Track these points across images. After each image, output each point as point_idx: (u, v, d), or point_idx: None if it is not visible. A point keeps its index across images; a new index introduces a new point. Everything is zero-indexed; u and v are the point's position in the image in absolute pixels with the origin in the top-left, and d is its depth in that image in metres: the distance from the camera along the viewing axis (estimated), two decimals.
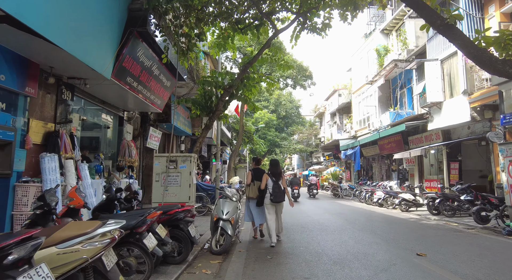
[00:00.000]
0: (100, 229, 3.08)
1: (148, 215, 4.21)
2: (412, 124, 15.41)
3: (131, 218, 3.90)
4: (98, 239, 3.03)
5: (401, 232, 8.15)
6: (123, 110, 9.99)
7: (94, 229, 3.03)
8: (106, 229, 3.12)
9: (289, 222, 9.60)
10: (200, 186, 11.51)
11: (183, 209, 5.09)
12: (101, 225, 3.13)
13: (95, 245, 2.95)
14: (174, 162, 6.53)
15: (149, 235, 4.01)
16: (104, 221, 3.26)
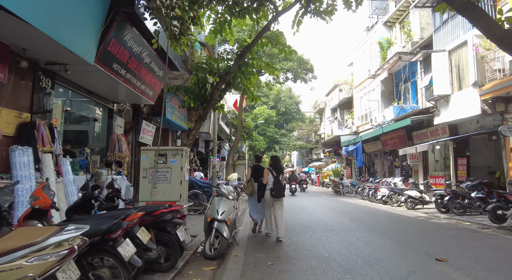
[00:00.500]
0: (54, 237, 2.38)
1: (125, 217, 3.51)
2: (418, 118, 14.72)
3: (103, 221, 3.21)
4: (50, 250, 2.33)
5: (412, 233, 7.47)
6: (112, 101, 9.28)
7: (45, 238, 2.33)
8: (63, 237, 2.43)
9: (291, 221, 8.92)
10: (196, 183, 10.82)
11: (171, 209, 4.39)
12: (56, 233, 2.44)
13: (45, 259, 2.26)
14: (164, 156, 5.83)
15: (125, 241, 3.32)
16: (63, 227, 2.56)
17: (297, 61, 17.31)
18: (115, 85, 7.55)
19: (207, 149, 20.53)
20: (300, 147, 36.60)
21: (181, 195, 5.76)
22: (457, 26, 12.61)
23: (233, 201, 6.00)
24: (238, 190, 14.04)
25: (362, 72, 22.41)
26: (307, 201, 15.64)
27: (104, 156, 8.79)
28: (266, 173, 6.78)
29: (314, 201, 15.88)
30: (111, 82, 7.19)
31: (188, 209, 10.54)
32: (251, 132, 23.17)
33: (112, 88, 8.03)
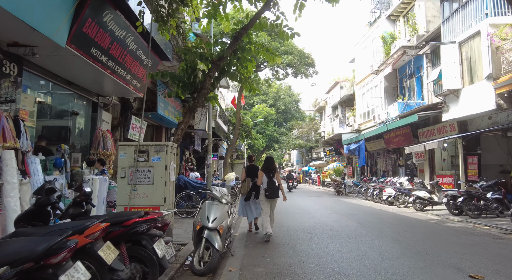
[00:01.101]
0: None
1: (82, 230, 2.63)
2: (425, 114, 13.84)
3: (43, 240, 2.31)
4: None
5: (429, 239, 6.59)
6: (97, 94, 8.38)
7: None
8: None
9: (293, 226, 8.04)
10: (190, 183, 9.93)
11: (146, 218, 3.50)
12: None
13: None
14: (145, 153, 4.93)
15: (74, 266, 2.42)
16: None
17: (297, 55, 16.40)
18: (97, 74, 6.66)
19: (204, 147, 19.62)
20: (299, 146, 35.70)
21: (165, 199, 4.86)
22: (469, 16, 11.73)
23: (227, 205, 5.11)
24: (235, 190, 13.15)
25: (364, 68, 21.53)
26: (309, 202, 14.75)
27: (88, 154, 7.91)
28: (260, 175, 6.81)
29: (315, 202, 14.99)
30: (92, 70, 6.30)
31: (180, 212, 9.68)
32: (250, 130, 22.26)
33: (94, 78, 7.14)
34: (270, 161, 7.04)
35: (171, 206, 5.20)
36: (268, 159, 7.15)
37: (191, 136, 15.40)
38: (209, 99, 6.22)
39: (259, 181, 6.76)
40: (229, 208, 5.19)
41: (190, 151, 16.60)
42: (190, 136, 15.51)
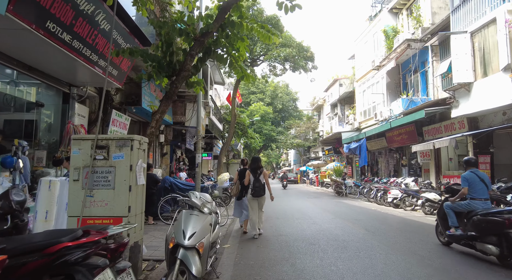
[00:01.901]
0: None
1: None
2: (433, 110, 12.77)
3: None
4: None
5: (454, 253, 5.50)
6: (68, 84, 7.23)
7: None
8: None
9: (292, 235, 6.92)
10: (176, 184, 8.80)
11: (83, 241, 2.37)
12: None
13: None
14: (105, 148, 3.80)
15: None
16: None
17: (296, 48, 15.30)
18: (61, 58, 5.54)
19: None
20: (297, 146, 34.61)
21: (130, 208, 3.73)
22: (482, 3, 10.68)
23: (210, 215, 3.99)
24: (228, 192, 12.03)
25: (365, 64, 20.48)
26: (308, 204, 13.64)
27: (56, 152, 6.77)
28: (247, 175, 6.95)
29: (315, 204, 13.88)
30: (54, 52, 5.18)
31: (165, 217, 8.54)
32: (246, 129, 21.12)
33: (60, 63, 5.99)
34: (256, 161, 7.16)
35: (140, 217, 4.06)
36: (255, 159, 7.27)
37: (183, 134, 14.27)
38: (192, 85, 5.10)
39: (246, 180, 6.93)
40: (213, 219, 4.06)
41: (182, 150, 15.47)
42: (182, 134, 14.37)
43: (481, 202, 5.28)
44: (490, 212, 5.01)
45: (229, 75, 18.68)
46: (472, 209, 5.28)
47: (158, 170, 11.76)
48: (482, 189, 5.37)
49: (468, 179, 5.48)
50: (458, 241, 5.47)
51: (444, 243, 6.03)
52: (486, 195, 5.40)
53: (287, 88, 36.50)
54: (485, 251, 4.91)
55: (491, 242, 4.81)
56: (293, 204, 13.78)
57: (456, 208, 5.55)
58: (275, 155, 50.80)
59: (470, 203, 5.34)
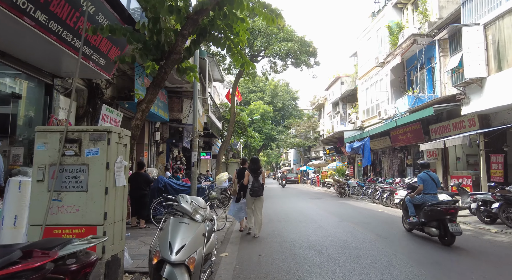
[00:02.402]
0: None
1: None
2: (442, 107, 12.10)
3: None
4: None
5: (486, 263, 4.82)
6: (51, 74, 6.55)
7: None
8: None
9: (297, 241, 6.23)
10: (171, 185, 8.12)
11: (13, 270, 1.67)
12: None
13: None
14: (76, 142, 3.11)
15: None
16: None
17: (298, 42, 14.62)
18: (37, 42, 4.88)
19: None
20: (297, 145, 33.92)
21: (106, 214, 3.05)
22: None
23: (203, 224, 3.30)
24: (227, 193, 11.35)
25: (368, 61, 19.82)
26: (311, 206, 12.96)
27: None
28: (246, 175, 6.97)
29: (318, 205, 13.20)
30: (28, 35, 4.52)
31: (158, 220, 7.84)
32: (246, 128, 20.43)
33: (37, 49, 5.32)
34: (255, 162, 7.18)
35: (120, 225, 3.38)
36: (254, 159, 7.29)
37: (180, 131, 13.58)
38: (184, 71, 4.41)
39: (245, 180, 6.95)
40: (207, 227, 3.37)
41: (179, 148, 14.77)
42: (179, 132, 13.68)
43: (430, 196, 6.63)
44: (435, 203, 6.36)
45: (228, 71, 18.00)
46: (424, 201, 6.60)
47: (154, 170, 11.07)
48: (432, 186, 6.69)
49: (423, 179, 6.73)
50: (415, 227, 6.84)
51: (407, 230, 7.30)
52: (435, 190, 6.74)
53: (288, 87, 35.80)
54: (430, 233, 6.32)
55: (433, 226, 6.19)
56: (295, 205, 13.10)
57: (414, 201, 6.87)
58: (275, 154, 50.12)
59: (423, 197, 6.67)
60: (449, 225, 5.82)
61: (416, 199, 6.80)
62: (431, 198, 6.57)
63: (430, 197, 6.59)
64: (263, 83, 34.09)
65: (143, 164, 7.86)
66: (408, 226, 7.12)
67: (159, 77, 3.97)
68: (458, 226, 5.88)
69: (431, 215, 6.18)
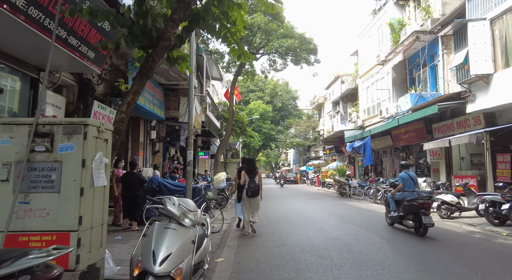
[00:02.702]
0: None
1: None
2: (447, 105, 11.71)
3: None
4: None
5: (505, 270, 4.44)
6: (37, 68, 6.17)
7: None
8: None
9: (298, 245, 5.83)
10: (165, 185, 7.72)
11: None
12: None
13: None
14: (47, 136, 2.72)
15: None
16: None
17: (298, 39, 14.21)
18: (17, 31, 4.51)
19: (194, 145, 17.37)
20: (297, 145, 33.50)
21: (81, 218, 2.65)
22: None
23: (193, 229, 2.90)
24: (225, 194, 10.95)
25: (369, 60, 19.45)
26: (312, 207, 12.57)
27: None
28: (243, 176, 7.00)
29: (319, 206, 12.81)
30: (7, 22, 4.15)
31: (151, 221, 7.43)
32: (245, 127, 20.03)
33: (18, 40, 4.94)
34: (251, 163, 7.22)
35: (99, 230, 2.98)
36: (250, 160, 7.32)
37: (177, 130, 13.18)
38: (175, 61, 4.02)
39: (242, 181, 7.00)
40: (198, 233, 2.97)
41: (176, 148, 14.38)
42: (176, 131, 13.28)
43: (409, 193, 7.30)
44: (412, 199, 7.00)
45: (227, 70, 17.61)
46: (404, 197, 7.24)
47: (149, 169, 10.68)
48: (411, 184, 7.38)
49: (403, 178, 7.47)
50: (395, 220, 7.51)
51: (389, 224, 7.89)
52: (413, 188, 7.39)
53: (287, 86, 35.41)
54: (407, 225, 7.07)
55: (410, 219, 6.98)
56: (295, 206, 12.70)
57: (395, 197, 7.53)
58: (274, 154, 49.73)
59: (403, 193, 7.36)
60: (423, 218, 6.58)
61: (396, 195, 7.47)
62: (410, 194, 7.24)
63: (409, 194, 7.26)
64: (263, 83, 33.71)
65: (136, 164, 7.47)
66: (390, 221, 7.84)
67: (147, 66, 3.58)
68: (430, 219, 6.63)
69: (409, 209, 6.94)
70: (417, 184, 7.60)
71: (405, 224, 7.07)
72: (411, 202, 6.90)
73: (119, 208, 7.45)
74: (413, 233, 6.93)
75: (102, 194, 3.04)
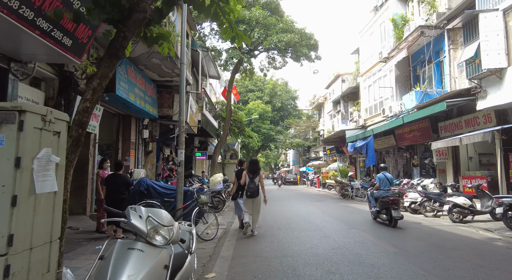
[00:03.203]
0: None
1: None
2: (455, 102, 11.01)
3: None
4: None
5: None
6: (7, 57, 5.48)
7: None
8: None
9: (301, 256, 5.10)
10: (155, 189, 7.00)
11: None
12: None
13: None
14: None
15: None
16: None
17: (298, 34, 13.51)
18: None
19: (190, 145, 16.69)
20: (297, 145, 32.77)
21: (11, 237, 1.94)
22: None
23: (166, 249, 2.19)
24: (222, 196, 10.22)
25: (370, 57, 18.77)
26: (313, 210, 11.85)
27: None
28: (244, 176, 7.04)
29: (321, 209, 12.10)
30: None
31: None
32: (244, 127, 19.33)
33: None
34: (255, 164, 7.25)
35: (46, 249, 2.26)
36: (253, 161, 7.34)
37: (171, 129, 12.47)
38: (154, 40, 3.32)
39: (242, 181, 7.05)
40: (173, 253, 2.24)
41: (171, 148, 13.67)
42: (170, 130, 12.57)
43: (384, 191, 8.40)
44: (384, 196, 8.13)
45: (225, 68, 16.92)
46: (380, 195, 8.30)
47: (142, 171, 9.96)
48: (386, 183, 8.51)
49: (380, 178, 8.63)
50: (375, 215, 8.65)
51: (373, 218, 8.89)
52: (388, 187, 8.52)
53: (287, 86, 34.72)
54: (382, 219, 8.26)
55: (383, 213, 8.17)
56: (296, 209, 11.98)
57: (374, 195, 8.66)
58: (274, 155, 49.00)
59: (379, 192, 8.47)
60: (393, 212, 7.77)
61: (375, 193, 8.64)
62: (385, 192, 8.35)
63: (384, 192, 8.37)
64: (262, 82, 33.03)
65: (121, 164, 6.75)
66: (373, 215, 8.88)
67: (116, 43, 2.88)
68: (399, 212, 7.84)
69: (382, 205, 8.13)
70: (392, 184, 8.88)
71: (381, 217, 8.31)
72: (384, 199, 8.05)
73: (103, 213, 6.73)
74: (428, 242, 6.22)
75: (52, 203, 2.33)
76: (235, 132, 18.96)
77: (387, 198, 7.94)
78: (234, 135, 19.40)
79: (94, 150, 8.56)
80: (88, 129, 7.61)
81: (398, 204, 7.96)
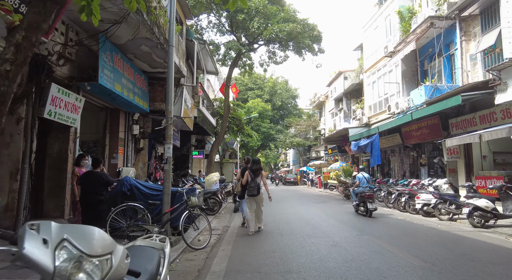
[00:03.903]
0: None
1: None
2: (472, 95, 10.07)
3: None
4: None
5: None
6: None
7: None
8: None
9: (308, 271, 4.14)
10: (139, 189, 6.06)
11: None
12: None
13: None
14: None
15: None
16: None
17: (300, 24, 12.57)
18: None
19: (187, 143, 15.75)
20: (297, 145, 31.82)
21: None
22: None
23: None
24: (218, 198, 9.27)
25: (375, 52, 17.87)
26: (317, 212, 10.90)
27: None
28: (246, 175, 7.17)
29: (325, 211, 11.15)
30: None
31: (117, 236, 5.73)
32: (243, 125, 18.39)
33: None
34: (257, 163, 7.33)
35: None
36: (254, 160, 7.43)
37: None
38: None
39: (244, 180, 7.16)
40: None
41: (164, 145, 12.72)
42: None
43: (363, 188, 9.89)
44: (363, 192, 9.72)
45: (223, 63, 15.99)
46: (360, 191, 9.81)
47: (131, 169, 9.04)
48: (364, 182, 10.04)
49: (359, 178, 10.24)
50: (355, 208, 10.28)
51: (355, 211, 10.37)
52: (366, 184, 10.02)
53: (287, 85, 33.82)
54: (361, 210, 9.96)
55: (362, 206, 9.89)
56: (298, 211, 11.04)
57: (355, 191, 10.13)
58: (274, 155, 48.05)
59: (359, 188, 9.93)
60: (368, 204, 9.37)
61: (356, 190, 10.00)
62: (363, 189, 9.77)
63: (362, 189, 9.81)
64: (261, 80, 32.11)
65: (99, 161, 5.80)
66: (354, 208, 10.32)
67: None
68: (373, 205, 9.43)
69: (360, 199, 9.70)
70: (369, 181, 10.35)
71: (360, 210, 9.87)
72: (362, 194, 9.60)
73: (78, 217, 5.79)
74: (457, 252, 5.28)
75: None
76: (233, 130, 18.03)
77: (364, 193, 9.54)
78: (233, 133, 18.46)
79: (75, 146, 7.58)
80: (66, 121, 6.66)
81: (372, 198, 9.58)
